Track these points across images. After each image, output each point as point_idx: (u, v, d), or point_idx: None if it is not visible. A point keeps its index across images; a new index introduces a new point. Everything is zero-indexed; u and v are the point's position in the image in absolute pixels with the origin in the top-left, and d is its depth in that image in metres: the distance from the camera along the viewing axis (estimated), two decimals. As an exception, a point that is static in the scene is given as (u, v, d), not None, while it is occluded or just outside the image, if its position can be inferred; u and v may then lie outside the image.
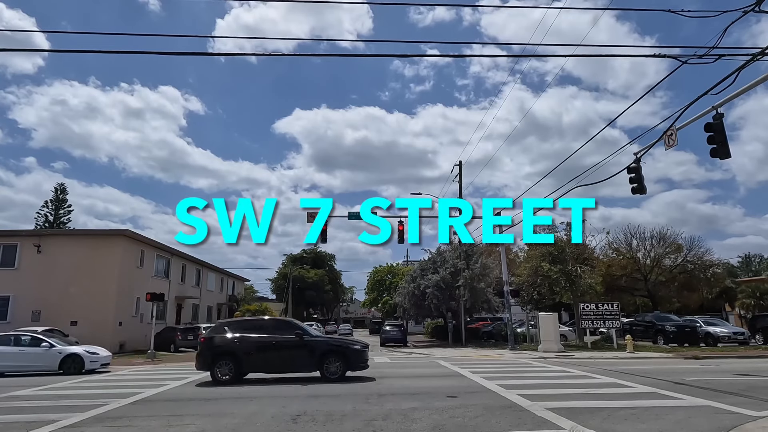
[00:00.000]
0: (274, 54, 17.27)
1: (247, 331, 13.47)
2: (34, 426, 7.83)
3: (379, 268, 61.50)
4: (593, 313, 25.11)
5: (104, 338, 26.50)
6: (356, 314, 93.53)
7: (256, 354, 13.06)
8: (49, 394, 11.60)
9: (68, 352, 16.98)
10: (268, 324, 14.79)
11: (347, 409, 8.64)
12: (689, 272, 38.86)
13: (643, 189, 13.53)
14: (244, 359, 13.01)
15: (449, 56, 28.89)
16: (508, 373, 14.52)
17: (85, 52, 9.45)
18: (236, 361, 12.95)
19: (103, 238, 29.25)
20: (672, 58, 10.66)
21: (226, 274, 49.11)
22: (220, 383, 12.64)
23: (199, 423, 7.90)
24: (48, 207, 53.01)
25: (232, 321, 16.13)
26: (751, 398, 9.43)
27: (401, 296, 35.83)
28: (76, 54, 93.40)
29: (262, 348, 13.13)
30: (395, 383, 12.37)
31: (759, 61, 9.84)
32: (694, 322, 26.51)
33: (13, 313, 26.70)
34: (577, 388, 11.09)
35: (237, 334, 13.36)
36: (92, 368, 17.20)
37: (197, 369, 13.61)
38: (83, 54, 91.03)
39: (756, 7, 9.35)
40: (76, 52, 9.46)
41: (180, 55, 18.38)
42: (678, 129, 11.90)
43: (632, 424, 7.38)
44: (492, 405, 8.90)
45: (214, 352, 13.11)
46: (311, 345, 13.25)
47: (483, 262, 31.17)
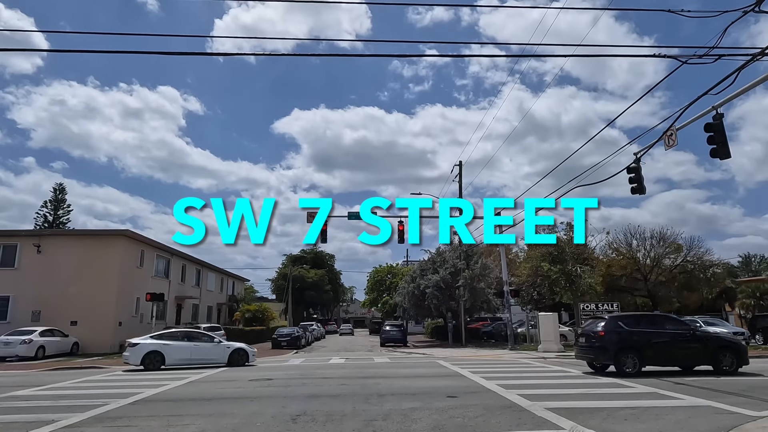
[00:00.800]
0: (273, 54, 17.23)
1: (641, 327, 14.16)
2: (34, 426, 7.82)
3: (379, 268, 61.53)
4: (593, 313, 25.10)
5: (104, 338, 26.57)
6: (356, 314, 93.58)
7: (655, 348, 13.70)
8: (49, 394, 11.59)
9: (235, 347, 18.30)
10: (660, 319, 15.78)
11: (347, 409, 8.64)
12: (689, 272, 38.85)
13: (643, 189, 13.53)
14: (645, 352, 13.55)
15: (448, 56, 29.02)
16: (508, 373, 14.53)
17: (83, 52, 9.46)
18: (639, 355, 13.45)
19: (103, 238, 29.24)
20: (672, 58, 10.67)
21: (226, 274, 49.11)
22: (624, 375, 12.99)
23: (199, 423, 7.90)
24: (47, 207, 53.00)
25: (624, 315, 16.55)
26: (751, 398, 9.43)
27: (401, 296, 35.84)
28: (75, 54, 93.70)
29: (660, 342, 13.81)
30: (395, 383, 12.38)
31: (759, 61, 9.84)
32: (694, 322, 26.47)
33: (13, 313, 26.70)
34: (577, 388, 11.10)
35: (635, 328, 13.94)
36: (252, 363, 18.46)
37: (595, 363, 14.22)
38: (82, 54, 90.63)
39: (756, 7, 9.35)
40: (75, 51, 9.47)
41: (179, 55, 18.42)
42: (678, 129, 11.90)
43: (632, 424, 7.38)
44: (492, 405, 8.90)
45: (619, 346, 13.48)
46: (704, 340, 14.07)
47: (483, 262, 31.18)
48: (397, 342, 32.48)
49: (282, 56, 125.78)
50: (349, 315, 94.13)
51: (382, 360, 20.81)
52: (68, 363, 20.52)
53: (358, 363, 19.21)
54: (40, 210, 52.98)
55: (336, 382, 12.70)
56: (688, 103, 11.00)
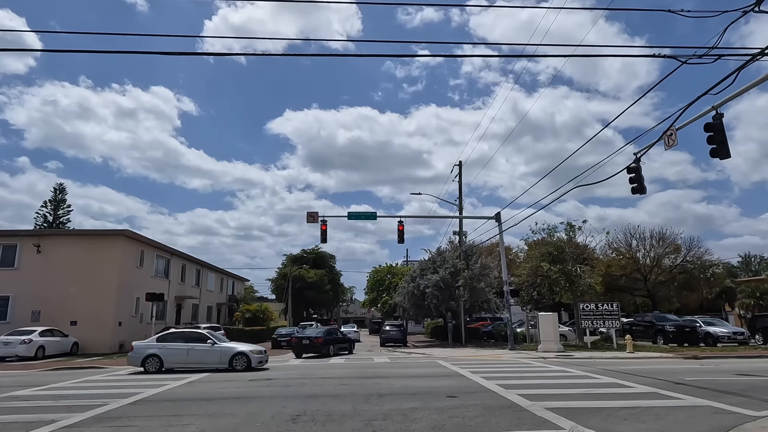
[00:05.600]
0: (266, 54, 17.37)
1: None
2: (34, 426, 7.82)
3: (378, 268, 61.47)
4: (593, 313, 25.13)
5: (104, 338, 26.57)
6: (356, 314, 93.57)
7: None
8: (49, 394, 11.59)
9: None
10: None
11: (347, 409, 8.64)
12: (689, 272, 38.90)
13: (643, 189, 13.55)
14: None
15: (440, 56, 28.72)
16: (507, 373, 14.52)
17: (75, 51, 9.44)
18: None
19: (103, 238, 29.22)
20: (672, 58, 10.65)
21: (225, 274, 49.10)
22: None
23: (199, 423, 7.90)
24: (47, 207, 52.93)
25: None
26: (750, 398, 9.43)
27: (401, 296, 35.82)
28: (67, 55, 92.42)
29: None
30: (395, 383, 12.37)
31: (759, 61, 9.84)
32: (694, 322, 26.51)
33: (12, 313, 26.68)
34: (577, 388, 11.10)
35: None
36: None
37: None
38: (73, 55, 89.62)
39: (756, 7, 9.34)
40: (66, 51, 9.45)
41: (170, 55, 18.40)
42: (678, 129, 11.91)
43: (632, 424, 7.38)
44: (492, 405, 8.90)
45: None
46: None
47: (483, 262, 31.17)
48: (397, 342, 32.47)
49: (274, 57, 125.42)
50: (348, 315, 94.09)
51: (381, 360, 20.81)
52: (68, 363, 20.52)
53: (358, 363, 19.21)
54: (40, 210, 52.94)
55: (336, 382, 12.70)
56: (688, 103, 11.00)
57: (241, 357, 16.78)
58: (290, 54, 23.20)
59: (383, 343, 32.77)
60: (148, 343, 17.19)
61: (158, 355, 16.66)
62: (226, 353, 16.81)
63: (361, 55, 38.24)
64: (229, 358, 16.68)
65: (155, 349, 16.78)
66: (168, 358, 16.67)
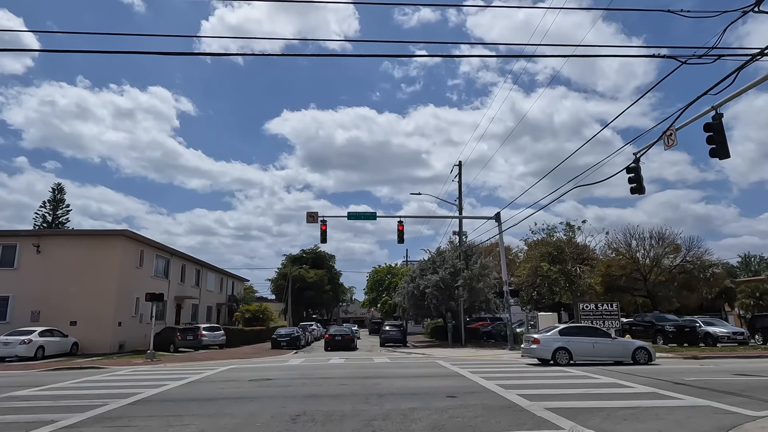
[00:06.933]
0: (263, 54, 17.40)
1: None
2: (34, 426, 7.82)
3: (378, 268, 61.51)
4: (593, 313, 25.12)
5: (104, 338, 26.56)
6: (356, 314, 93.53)
7: None
8: (49, 395, 11.58)
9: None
10: None
11: (347, 409, 8.64)
12: (688, 272, 38.91)
13: (642, 189, 13.56)
14: None
15: (438, 56, 28.71)
16: (507, 373, 14.54)
17: (73, 52, 9.44)
18: None
19: (103, 238, 29.21)
20: (671, 59, 10.65)
21: (225, 274, 49.08)
22: None
23: (199, 423, 7.90)
24: (46, 207, 52.91)
25: None
26: (750, 398, 9.44)
27: (401, 296, 35.84)
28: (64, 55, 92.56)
29: None
30: (395, 383, 12.38)
31: (758, 62, 9.84)
32: (694, 322, 26.53)
33: (12, 313, 26.67)
34: (577, 388, 11.10)
35: None
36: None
37: None
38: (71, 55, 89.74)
39: (756, 7, 9.34)
40: (64, 52, 9.46)
41: (168, 55, 18.37)
42: (677, 129, 11.91)
43: (632, 424, 7.38)
44: (491, 405, 8.90)
45: None
46: None
47: (482, 262, 31.18)
48: (397, 342, 32.48)
49: (271, 57, 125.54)
50: (348, 315, 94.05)
51: (381, 360, 20.82)
52: (68, 363, 20.51)
53: (358, 363, 19.21)
54: (39, 210, 52.91)
55: (336, 382, 12.70)
56: (688, 104, 11.00)
57: (643, 351, 17.47)
58: (287, 54, 23.18)
59: (383, 343, 32.78)
60: (554, 337, 17.53)
61: (567, 348, 17.13)
62: (629, 347, 17.55)
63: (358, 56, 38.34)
64: (632, 352, 17.33)
65: (562, 342, 17.26)
66: (577, 352, 17.24)
